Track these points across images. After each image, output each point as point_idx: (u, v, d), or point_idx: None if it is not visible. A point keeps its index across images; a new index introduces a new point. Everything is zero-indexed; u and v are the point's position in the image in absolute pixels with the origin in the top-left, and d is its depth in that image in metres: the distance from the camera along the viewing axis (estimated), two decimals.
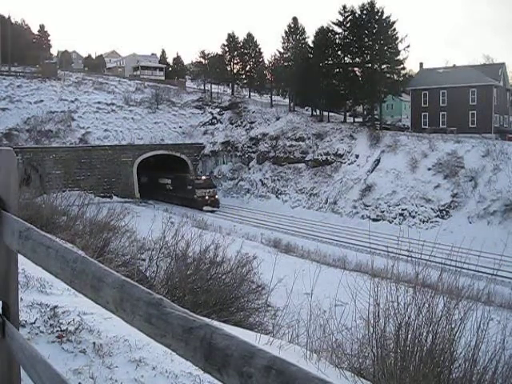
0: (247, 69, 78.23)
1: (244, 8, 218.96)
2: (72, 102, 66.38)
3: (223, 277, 9.62)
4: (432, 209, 42.90)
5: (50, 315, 4.40)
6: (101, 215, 12.35)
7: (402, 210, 44.98)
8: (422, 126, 55.32)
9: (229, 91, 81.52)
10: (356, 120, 62.15)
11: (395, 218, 44.43)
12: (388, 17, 57.41)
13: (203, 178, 57.13)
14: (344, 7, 59.84)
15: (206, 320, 1.47)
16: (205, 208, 52.26)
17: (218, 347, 1.29)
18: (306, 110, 66.55)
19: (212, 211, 52.11)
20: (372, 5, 57.51)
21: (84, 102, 66.84)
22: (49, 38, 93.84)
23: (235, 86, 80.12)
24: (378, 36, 57.35)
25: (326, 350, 5.76)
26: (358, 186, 48.20)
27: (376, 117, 59.42)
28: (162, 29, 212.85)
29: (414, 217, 43.71)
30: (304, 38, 69.48)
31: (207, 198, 54.01)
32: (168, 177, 60.43)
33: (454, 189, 42.47)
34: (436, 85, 56.12)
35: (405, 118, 71.35)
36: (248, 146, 62.08)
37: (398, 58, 57.95)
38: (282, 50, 71.27)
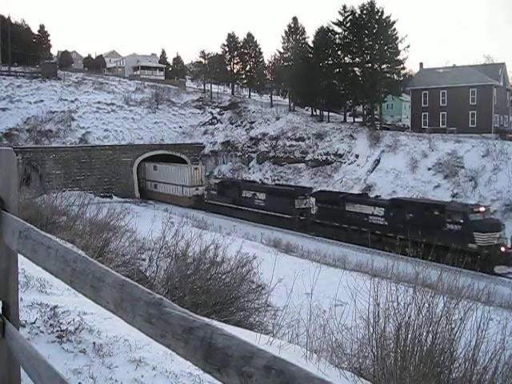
0: (247, 69, 78.26)
1: (244, 8, 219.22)
2: (72, 101, 66.39)
3: (223, 277, 9.62)
4: None
5: (49, 315, 4.40)
6: (101, 215, 12.35)
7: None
8: (422, 126, 55.29)
9: (229, 91, 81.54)
10: (356, 120, 62.13)
11: None
12: (388, 17, 57.43)
13: (481, 209, 31.97)
14: (344, 7, 59.86)
15: (206, 320, 1.47)
16: (498, 269, 28.79)
17: (218, 347, 1.29)
18: (306, 109, 66.54)
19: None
20: (372, 5, 57.51)
21: (84, 102, 66.85)
22: (49, 38, 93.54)
23: (235, 85, 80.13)
24: (378, 36, 57.34)
25: (326, 350, 5.77)
26: (357, 186, 48.15)
27: (376, 117, 59.40)
28: (162, 29, 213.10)
29: None
30: (304, 38, 69.53)
31: (501, 249, 29.64)
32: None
33: (454, 189, 42.44)
34: (436, 85, 56.10)
35: (405, 117, 71.34)
36: (248, 146, 62.07)
37: (398, 57, 57.98)
38: (282, 50, 71.40)
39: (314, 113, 64.45)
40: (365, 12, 58.04)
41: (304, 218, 40.87)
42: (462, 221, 30.32)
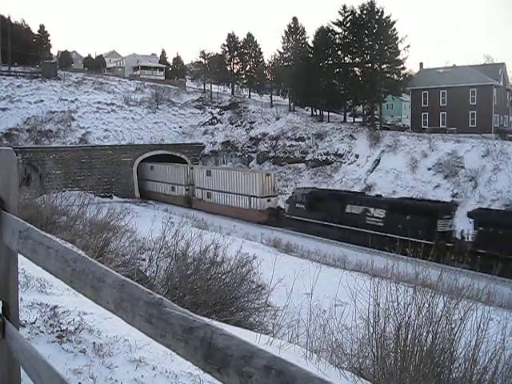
0: (247, 69, 78.29)
1: (244, 8, 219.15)
2: (72, 101, 66.41)
3: (223, 277, 9.63)
4: None
5: (50, 315, 4.40)
6: (101, 215, 12.35)
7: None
8: (422, 126, 55.29)
9: (229, 91, 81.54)
10: (356, 120, 62.14)
11: None
12: (388, 17, 57.46)
13: None
14: (344, 7, 59.89)
15: (206, 320, 1.47)
16: None
17: (218, 347, 1.29)
18: (306, 109, 66.55)
19: None
20: (372, 5, 57.53)
21: (84, 102, 66.87)
22: (49, 38, 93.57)
23: (235, 85, 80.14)
24: (378, 36, 57.36)
25: (326, 350, 5.77)
26: (358, 186, 48.15)
27: (376, 117, 59.40)
28: (162, 29, 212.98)
29: None
30: (304, 38, 69.54)
31: None
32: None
33: (454, 189, 42.45)
34: (436, 85, 56.11)
35: (405, 117, 71.35)
36: (248, 146, 62.09)
37: (398, 57, 58.00)
38: (282, 50, 71.40)
39: (314, 113, 64.46)
40: (365, 12, 58.06)
41: (452, 245, 27.72)
42: None
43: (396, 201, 36.68)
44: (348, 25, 59.82)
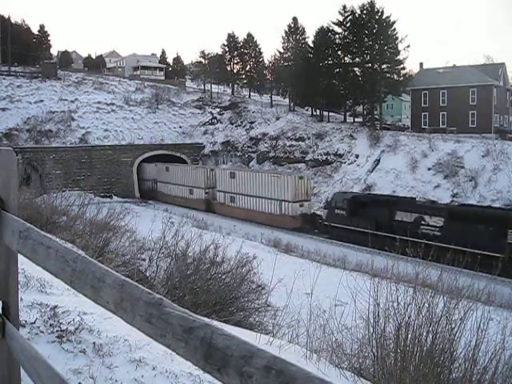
0: (247, 69, 78.32)
1: (244, 8, 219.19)
2: (72, 101, 66.43)
3: (223, 277, 9.63)
4: None
5: (50, 315, 4.40)
6: (101, 215, 12.35)
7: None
8: (422, 126, 55.30)
9: (229, 91, 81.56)
10: (356, 120, 62.15)
11: None
12: (388, 17, 57.47)
13: None
14: (344, 7, 59.90)
15: (206, 320, 1.47)
16: None
17: (218, 347, 1.29)
18: (306, 109, 66.57)
19: None
20: (372, 5, 57.54)
21: (84, 102, 66.89)
22: (49, 38, 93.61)
23: (235, 85, 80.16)
24: (378, 36, 57.37)
25: (326, 350, 5.77)
26: (357, 186, 48.14)
27: (376, 117, 59.41)
28: (162, 29, 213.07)
29: None
30: (304, 38, 69.56)
31: None
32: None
33: (454, 189, 42.45)
34: (436, 85, 56.12)
35: (405, 117, 71.35)
36: (248, 146, 62.10)
37: (398, 57, 58.00)
38: (282, 50, 71.42)
39: (314, 113, 64.47)
40: (365, 12, 58.07)
41: None
42: None
43: (457, 208, 33.09)
44: (348, 25, 59.83)
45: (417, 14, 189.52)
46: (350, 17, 59.49)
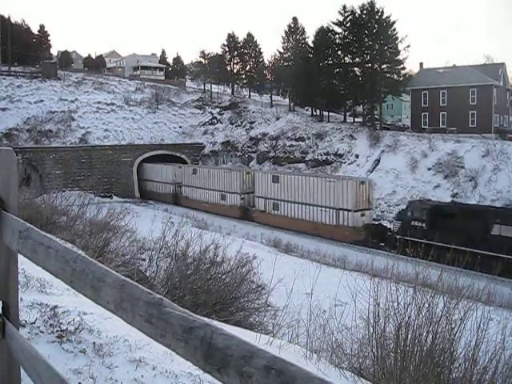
0: (247, 69, 78.33)
1: (244, 8, 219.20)
2: (72, 101, 66.44)
3: (223, 277, 9.63)
4: None
5: (50, 315, 4.40)
6: (101, 215, 12.35)
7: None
8: (422, 126, 55.30)
9: (229, 91, 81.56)
10: (356, 120, 62.16)
11: None
12: (388, 17, 57.47)
13: None
14: (344, 7, 59.91)
15: (206, 320, 1.47)
16: None
17: (218, 347, 1.29)
18: (306, 109, 66.57)
19: None
20: (372, 5, 57.54)
21: (84, 102, 66.90)
22: (49, 38, 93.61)
23: (235, 85, 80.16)
24: (378, 36, 57.38)
25: (326, 349, 5.76)
26: None
27: (376, 117, 59.41)
28: (162, 29, 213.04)
29: None
30: (304, 38, 69.59)
31: None
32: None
33: (454, 189, 42.45)
34: (436, 85, 56.11)
35: (405, 117, 71.34)
36: (248, 146, 62.10)
37: (398, 57, 58.02)
38: (282, 50, 71.46)
39: (314, 113, 64.48)
40: (365, 12, 58.08)
41: None
42: None
43: None
44: (348, 25, 59.84)
45: (417, 13, 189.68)
46: (350, 17, 59.50)
